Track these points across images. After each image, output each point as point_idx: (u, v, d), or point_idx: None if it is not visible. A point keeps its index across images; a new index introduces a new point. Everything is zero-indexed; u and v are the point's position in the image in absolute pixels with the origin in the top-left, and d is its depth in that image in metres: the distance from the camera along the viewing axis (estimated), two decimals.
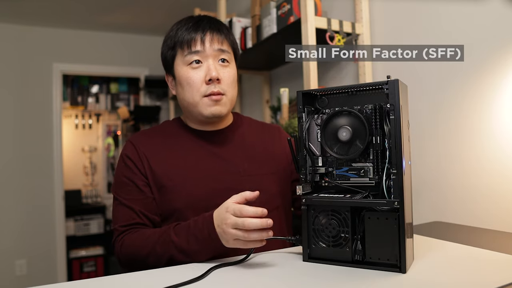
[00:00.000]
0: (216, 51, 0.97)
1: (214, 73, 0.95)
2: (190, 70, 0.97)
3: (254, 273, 0.75)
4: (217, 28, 0.99)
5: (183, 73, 0.98)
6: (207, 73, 0.96)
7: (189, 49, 0.97)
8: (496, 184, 1.18)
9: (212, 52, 0.97)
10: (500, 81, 1.17)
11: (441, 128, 1.36)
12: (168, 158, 0.99)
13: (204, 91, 0.96)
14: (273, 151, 1.07)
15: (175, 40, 0.99)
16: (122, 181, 0.99)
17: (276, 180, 1.05)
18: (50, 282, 0.72)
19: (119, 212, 0.97)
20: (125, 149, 1.02)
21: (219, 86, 0.97)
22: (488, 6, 1.20)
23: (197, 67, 0.97)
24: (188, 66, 0.97)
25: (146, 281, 0.74)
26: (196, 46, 0.96)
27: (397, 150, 0.71)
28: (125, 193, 0.97)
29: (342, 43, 1.58)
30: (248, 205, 0.99)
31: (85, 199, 4.56)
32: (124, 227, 0.94)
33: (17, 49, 3.52)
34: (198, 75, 0.96)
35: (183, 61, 0.98)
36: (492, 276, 0.68)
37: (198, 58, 0.97)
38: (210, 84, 0.96)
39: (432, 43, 1.39)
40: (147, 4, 3.26)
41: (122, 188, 0.98)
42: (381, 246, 0.73)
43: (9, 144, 3.47)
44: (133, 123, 4.11)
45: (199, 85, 0.96)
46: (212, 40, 0.97)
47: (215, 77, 0.95)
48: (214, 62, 0.97)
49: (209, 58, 0.97)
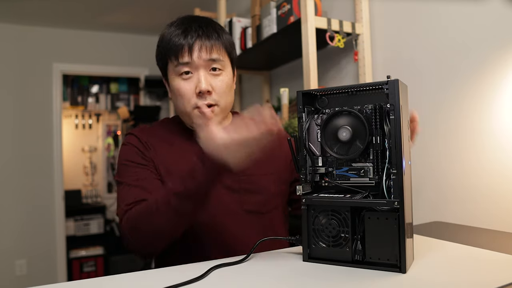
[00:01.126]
0: (206, 61, 0.93)
1: (204, 86, 0.92)
2: (181, 81, 0.95)
3: (254, 273, 0.75)
4: (206, 34, 0.94)
5: (175, 84, 0.96)
6: (197, 85, 0.93)
7: (177, 61, 0.93)
8: (496, 184, 1.18)
9: (201, 63, 0.93)
10: (500, 81, 1.17)
11: (441, 128, 1.36)
12: (168, 153, 0.99)
13: (195, 103, 0.94)
14: (272, 152, 1.07)
15: (165, 49, 0.96)
16: (125, 165, 0.96)
17: (275, 180, 1.05)
18: (50, 282, 0.71)
19: (125, 193, 0.91)
20: (127, 139, 1.01)
21: (210, 97, 0.94)
22: (488, 6, 1.20)
23: (188, 78, 0.94)
24: (179, 77, 0.95)
25: (146, 281, 0.74)
26: (184, 57, 0.92)
27: (397, 150, 0.71)
28: (130, 174, 0.94)
29: (342, 43, 1.58)
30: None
31: (85, 199, 4.56)
32: (130, 204, 0.88)
33: (17, 49, 3.52)
34: (189, 86, 0.94)
35: (174, 71, 0.95)
36: (492, 276, 0.68)
37: (188, 69, 0.93)
38: (201, 97, 0.93)
39: (432, 43, 1.40)
40: (147, 4, 3.26)
41: (126, 172, 0.95)
42: (381, 246, 0.73)
43: (9, 144, 3.47)
44: (133, 123, 4.11)
45: (190, 97, 0.94)
46: (200, 50, 0.92)
47: (205, 90, 0.92)
48: (205, 73, 0.93)
49: (199, 68, 0.93)
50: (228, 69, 0.99)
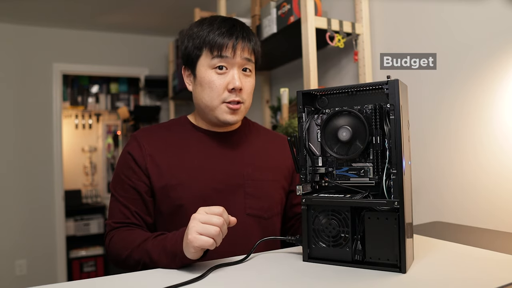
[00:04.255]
0: (243, 60, 0.98)
1: (238, 83, 0.96)
2: (214, 74, 0.97)
3: (254, 273, 0.75)
4: (248, 37, 0.99)
5: (207, 75, 0.98)
6: (230, 81, 0.97)
7: (218, 54, 0.96)
8: (496, 184, 1.18)
9: (239, 61, 0.97)
10: (500, 81, 1.17)
11: (441, 128, 1.36)
12: (174, 156, 1.00)
13: (225, 97, 0.97)
14: (278, 160, 1.09)
15: (205, 41, 0.98)
16: (121, 179, 1.00)
17: (278, 188, 1.07)
18: (50, 282, 0.72)
19: (115, 209, 0.99)
20: (129, 145, 1.02)
21: (240, 95, 0.98)
22: (488, 6, 1.20)
23: (222, 73, 0.97)
24: (212, 70, 0.98)
25: (146, 281, 0.74)
26: (227, 52, 0.96)
27: (397, 150, 0.71)
28: (123, 191, 0.99)
29: (342, 43, 1.58)
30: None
31: (85, 199, 4.56)
32: (117, 223, 0.97)
33: (17, 49, 3.52)
34: (222, 81, 0.97)
35: (209, 64, 0.98)
36: (492, 276, 0.68)
37: (224, 64, 0.97)
38: (232, 93, 0.97)
39: (432, 43, 1.40)
40: (147, 4, 3.26)
41: (120, 186, 1.00)
42: (381, 246, 0.73)
43: (9, 144, 3.47)
44: (133, 123, 4.11)
45: (221, 91, 0.97)
46: (242, 49, 0.98)
47: (238, 87, 0.97)
48: (239, 71, 0.98)
49: (234, 66, 0.98)
50: (254, 72, 1.05)
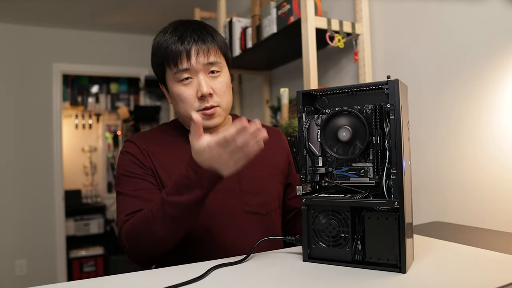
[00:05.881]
0: (204, 65, 0.94)
1: (205, 90, 0.93)
2: (181, 87, 0.95)
3: (254, 273, 0.75)
4: (201, 38, 0.95)
5: (175, 89, 0.96)
6: (198, 89, 0.94)
7: (176, 67, 0.94)
8: (496, 184, 1.18)
9: (200, 67, 0.94)
10: (500, 81, 1.17)
11: (441, 128, 1.36)
12: (167, 157, 0.99)
13: (198, 106, 0.95)
14: (272, 154, 1.07)
15: (162, 57, 0.96)
16: (124, 175, 0.97)
17: (275, 182, 1.06)
18: (50, 282, 0.72)
19: (124, 203, 0.94)
20: (125, 147, 1.01)
21: (212, 99, 0.95)
22: (488, 6, 1.20)
23: (188, 83, 0.95)
24: (179, 83, 0.96)
25: (146, 281, 0.74)
26: (183, 64, 0.93)
27: (397, 150, 0.71)
28: (129, 185, 0.95)
29: (342, 43, 1.58)
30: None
31: (85, 199, 4.56)
32: (128, 215, 0.90)
33: (17, 49, 3.53)
34: (190, 91, 0.95)
35: (174, 78, 0.96)
36: (492, 276, 0.68)
37: (188, 75, 0.94)
38: (203, 100, 0.95)
39: (432, 43, 1.40)
40: (147, 4, 3.26)
41: (125, 182, 0.96)
42: (381, 246, 0.73)
43: (9, 144, 3.47)
44: (133, 123, 4.11)
45: (192, 101, 0.95)
46: (197, 55, 0.93)
47: (206, 93, 0.93)
48: (204, 76, 0.95)
49: (198, 73, 0.94)
50: (225, 69, 1.00)
